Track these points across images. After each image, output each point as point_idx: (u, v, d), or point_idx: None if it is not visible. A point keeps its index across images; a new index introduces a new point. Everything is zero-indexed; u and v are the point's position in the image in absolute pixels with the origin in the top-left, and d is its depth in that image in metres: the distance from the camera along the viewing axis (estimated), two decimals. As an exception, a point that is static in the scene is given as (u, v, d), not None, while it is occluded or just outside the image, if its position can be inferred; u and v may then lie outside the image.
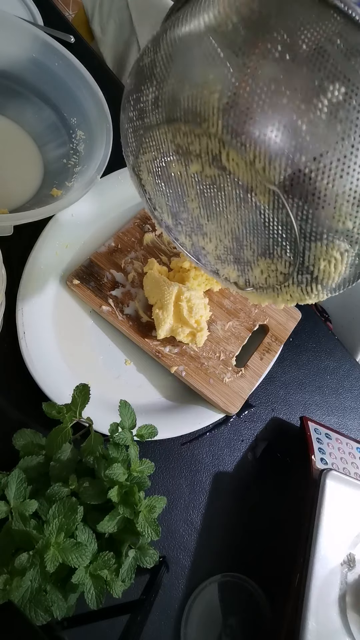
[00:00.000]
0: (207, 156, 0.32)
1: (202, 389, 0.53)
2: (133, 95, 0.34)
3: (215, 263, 0.41)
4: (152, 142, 0.35)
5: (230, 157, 0.31)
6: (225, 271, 0.41)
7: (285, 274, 0.35)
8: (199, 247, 0.41)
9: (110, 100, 0.57)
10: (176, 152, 0.34)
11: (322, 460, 0.52)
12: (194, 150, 0.33)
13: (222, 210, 0.36)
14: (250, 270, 0.38)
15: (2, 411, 0.48)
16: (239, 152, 0.29)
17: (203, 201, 0.36)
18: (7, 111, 0.59)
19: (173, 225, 0.41)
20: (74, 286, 0.53)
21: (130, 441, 0.41)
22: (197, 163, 0.33)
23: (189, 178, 0.35)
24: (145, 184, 0.40)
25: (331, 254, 0.31)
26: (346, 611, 0.42)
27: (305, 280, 0.34)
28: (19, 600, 0.33)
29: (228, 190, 0.33)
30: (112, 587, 0.37)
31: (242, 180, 0.31)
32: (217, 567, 0.48)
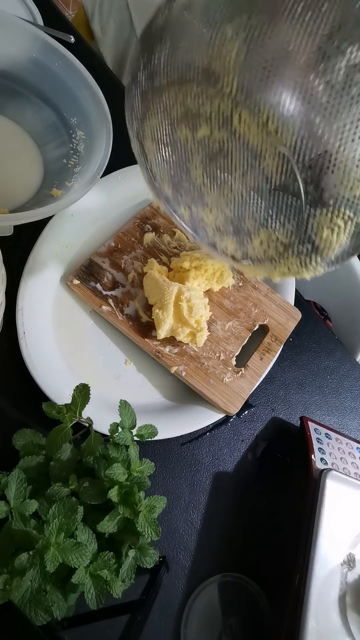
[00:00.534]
0: (217, 118, 0.32)
1: (202, 389, 0.53)
2: (144, 56, 0.33)
3: (214, 235, 0.41)
4: (160, 105, 0.34)
5: (242, 118, 0.30)
6: (223, 243, 0.40)
7: (286, 244, 0.35)
8: (198, 218, 0.40)
9: (110, 100, 0.57)
10: (185, 115, 0.33)
11: (322, 460, 0.52)
12: (204, 113, 0.32)
13: (226, 177, 0.35)
14: (249, 242, 0.38)
15: (2, 411, 0.48)
16: (252, 113, 0.29)
17: (208, 168, 0.36)
18: (7, 111, 0.59)
19: (172, 196, 0.41)
20: (74, 286, 0.53)
21: (130, 441, 0.41)
22: (206, 126, 0.33)
23: (196, 143, 0.35)
24: (147, 152, 0.39)
25: (335, 221, 0.31)
26: (346, 611, 0.42)
27: (305, 250, 0.34)
28: (19, 600, 0.33)
29: (235, 155, 0.33)
30: (112, 587, 0.37)
31: (251, 144, 0.31)
32: (217, 567, 0.48)
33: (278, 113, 0.28)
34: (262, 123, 0.29)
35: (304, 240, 0.33)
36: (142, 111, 0.36)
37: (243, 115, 0.30)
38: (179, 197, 0.40)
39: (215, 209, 0.38)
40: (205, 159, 0.35)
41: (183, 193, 0.40)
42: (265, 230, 0.36)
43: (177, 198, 0.41)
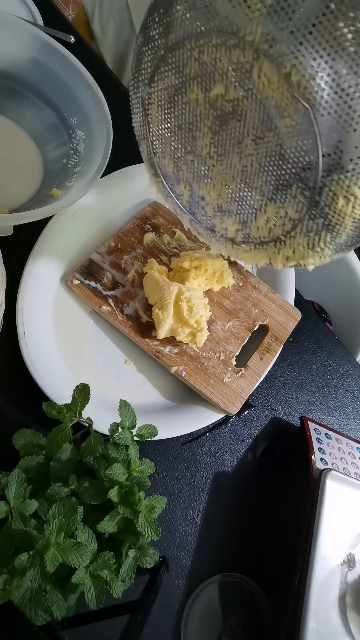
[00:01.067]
0: (235, 73, 0.30)
1: (202, 389, 0.53)
2: (160, 11, 0.32)
3: (214, 216, 0.39)
4: (173, 62, 0.32)
5: (262, 72, 0.29)
6: (224, 225, 0.38)
7: (295, 220, 0.33)
8: (198, 197, 0.39)
9: (110, 100, 0.57)
10: (199, 72, 0.32)
11: (322, 460, 0.52)
12: (220, 68, 0.31)
13: (237, 144, 0.33)
14: (253, 221, 0.36)
15: (2, 411, 0.48)
16: (274, 63, 0.27)
17: (217, 135, 0.34)
18: (7, 111, 0.59)
19: (173, 172, 0.39)
20: (74, 286, 0.53)
21: (130, 441, 0.41)
22: (220, 84, 0.31)
23: (207, 105, 0.33)
24: (151, 121, 0.37)
25: (352, 190, 0.30)
26: (346, 611, 0.42)
27: (315, 227, 0.32)
28: (19, 600, 0.33)
29: (250, 115, 0.31)
30: (112, 587, 0.37)
31: (269, 102, 0.29)
32: (217, 567, 0.48)
33: (303, 63, 0.27)
34: (285, 74, 0.27)
35: (316, 215, 0.31)
36: (152, 72, 0.34)
37: (264, 67, 0.28)
38: (181, 172, 0.38)
39: (219, 184, 0.37)
40: (215, 124, 0.33)
41: (185, 168, 0.38)
42: (273, 205, 0.34)
43: (178, 174, 0.39)
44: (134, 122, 0.39)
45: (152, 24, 0.33)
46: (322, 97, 0.27)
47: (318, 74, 0.27)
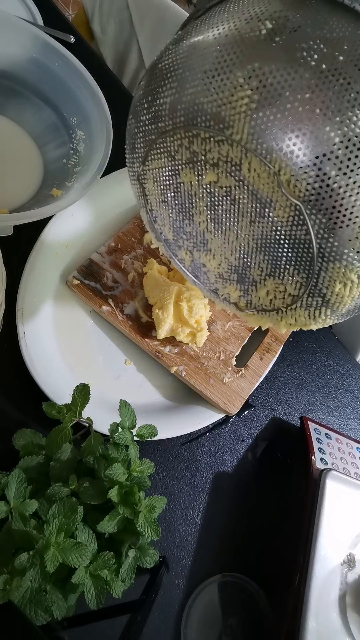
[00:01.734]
0: (225, 166, 0.31)
1: (202, 389, 0.53)
2: (148, 97, 0.32)
3: (216, 282, 0.39)
4: (164, 148, 0.33)
5: (252, 167, 0.29)
6: (226, 290, 0.39)
7: (294, 295, 0.34)
8: (199, 264, 0.39)
9: (110, 100, 0.57)
10: (190, 160, 0.33)
11: (322, 460, 0.52)
12: (210, 159, 0.31)
13: (232, 224, 0.34)
14: (254, 291, 0.37)
15: (2, 411, 0.48)
16: (263, 162, 0.28)
17: (213, 214, 0.35)
18: (7, 111, 0.59)
19: (173, 239, 0.40)
20: (74, 286, 0.53)
21: (130, 441, 0.41)
22: (212, 173, 0.32)
23: (201, 189, 0.34)
24: (148, 194, 0.38)
25: (349, 276, 0.30)
26: (346, 611, 0.42)
27: (315, 303, 0.33)
28: (19, 600, 0.33)
29: (243, 203, 0.32)
30: (112, 587, 0.37)
31: (261, 193, 0.30)
32: (217, 567, 0.48)
33: (291, 164, 0.27)
34: (274, 173, 0.28)
35: (314, 294, 0.32)
36: (145, 152, 0.35)
37: (253, 164, 0.29)
38: (181, 241, 0.39)
39: (219, 256, 0.37)
40: (211, 204, 0.34)
41: (185, 237, 0.38)
42: (272, 280, 0.34)
43: (178, 242, 0.39)
44: (132, 191, 0.39)
45: (142, 107, 0.33)
46: (312, 195, 0.28)
47: (307, 174, 0.27)
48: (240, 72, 0.28)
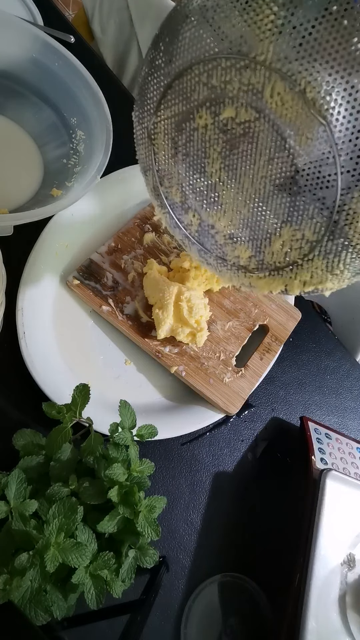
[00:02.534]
0: (245, 96, 0.29)
1: (202, 389, 0.53)
2: (165, 39, 0.32)
3: (224, 244, 0.37)
4: (180, 91, 0.32)
5: (275, 90, 0.28)
6: (235, 253, 0.37)
7: (313, 242, 0.32)
8: (208, 225, 0.38)
9: (110, 100, 0.57)
10: (207, 98, 0.31)
11: (322, 460, 0.52)
12: (230, 91, 0.30)
13: (248, 168, 0.32)
14: (267, 246, 0.35)
15: (2, 411, 0.48)
16: (288, 82, 0.27)
17: (227, 159, 0.33)
18: (7, 111, 0.59)
19: (180, 201, 0.38)
20: (74, 286, 0.53)
21: (130, 441, 0.41)
22: (230, 107, 0.31)
23: (216, 130, 0.32)
24: (157, 151, 0.37)
25: None
26: (346, 611, 0.42)
27: (334, 248, 0.31)
28: (19, 600, 0.33)
29: (263, 137, 0.30)
30: (112, 587, 0.37)
31: (283, 121, 0.29)
32: (217, 567, 0.48)
33: (318, 79, 0.26)
34: (300, 92, 0.27)
35: (335, 235, 0.30)
36: (158, 100, 0.34)
37: (277, 86, 0.28)
38: (188, 202, 0.38)
39: (231, 210, 0.36)
40: (225, 149, 0.33)
41: (193, 196, 0.37)
42: (289, 227, 0.33)
43: (186, 203, 0.38)
44: (138, 154, 0.38)
45: (158, 52, 0.33)
46: (339, 113, 0.27)
47: (334, 90, 0.26)
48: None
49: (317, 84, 0.26)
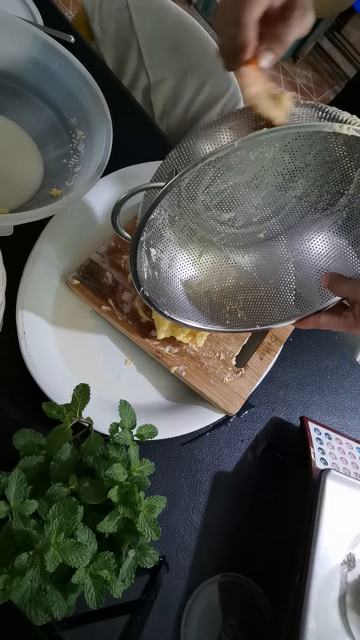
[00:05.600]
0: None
1: (202, 389, 0.53)
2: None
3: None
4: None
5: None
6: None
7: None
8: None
9: (110, 100, 0.57)
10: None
11: (322, 460, 0.52)
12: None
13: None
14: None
15: (2, 411, 0.48)
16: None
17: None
18: (7, 111, 0.59)
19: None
20: (74, 286, 0.53)
21: (130, 441, 0.41)
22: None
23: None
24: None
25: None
26: (346, 611, 0.42)
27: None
28: (19, 600, 0.33)
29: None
30: (112, 587, 0.37)
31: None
32: (217, 567, 0.48)
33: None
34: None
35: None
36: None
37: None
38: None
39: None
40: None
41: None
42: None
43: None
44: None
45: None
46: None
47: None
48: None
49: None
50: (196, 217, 0.48)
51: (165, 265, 0.48)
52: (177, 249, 0.49)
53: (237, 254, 0.52)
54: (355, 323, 0.43)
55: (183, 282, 0.51)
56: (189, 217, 0.48)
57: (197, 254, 0.51)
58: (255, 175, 0.45)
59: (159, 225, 0.46)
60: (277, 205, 0.48)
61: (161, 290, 0.48)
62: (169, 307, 0.47)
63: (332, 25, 2.30)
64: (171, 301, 0.49)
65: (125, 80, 0.97)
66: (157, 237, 0.47)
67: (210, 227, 0.49)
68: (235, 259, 0.52)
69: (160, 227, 0.47)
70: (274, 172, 0.45)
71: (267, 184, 0.46)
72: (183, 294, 0.50)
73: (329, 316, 0.46)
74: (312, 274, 0.50)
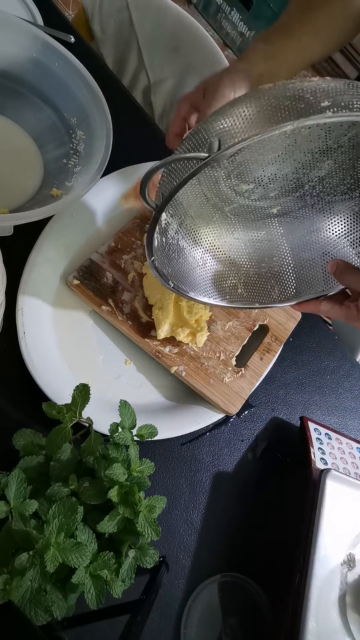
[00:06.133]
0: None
1: (202, 389, 0.53)
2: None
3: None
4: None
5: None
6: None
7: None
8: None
9: (110, 100, 0.57)
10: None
11: (322, 460, 0.52)
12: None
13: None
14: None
15: (2, 411, 0.48)
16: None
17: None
18: (7, 111, 0.59)
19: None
20: (74, 286, 0.53)
21: (130, 441, 0.41)
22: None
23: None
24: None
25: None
26: (346, 611, 0.42)
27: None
28: (19, 600, 0.33)
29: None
30: (112, 587, 0.37)
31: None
32: (217, 567, 0.48)
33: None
34: None
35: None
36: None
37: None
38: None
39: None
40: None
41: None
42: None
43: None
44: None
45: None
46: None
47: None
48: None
49: None
50: (214, 184, 0.46)
51: (172, 231, 0.46)
52: (187, 214, 0.47)
53: (246, 227, 0.51)
54: (357, 315, 0.42)
55: (187, 249, 0.49)
56: (207, 183, 0.46)
57: (205, 222, 0.49)
58: (286, 149, 0.43)
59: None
60: (298, 183, 0.47)
61: (167, 258, 0.46)
62: (174, 277, 0.45)
63: (332, 25, 2.30)
64: (175, 269, 0.47)
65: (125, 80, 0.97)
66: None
67: (226, 195, 0.47)
68: (242, 232, 0.51)
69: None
70: (304, 149, 0.43)
71: (294, 160, 0.44)
72: (187, 262, 0.48)
73: (330, 304, 0.45)
74: (317, 258, 0.48)
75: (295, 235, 0.50)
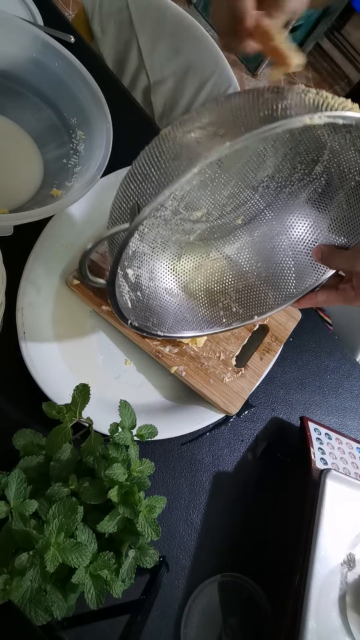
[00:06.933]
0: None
1: (202, 389, 0.53)
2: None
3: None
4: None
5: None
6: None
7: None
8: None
9: (110, 100, 0.57)
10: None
11: (322, 460, 0.52)
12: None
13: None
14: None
15: (2, 411, 0.48)
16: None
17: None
18: (7, 111, 0.59)
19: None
20: (74, 286, 0.53)
21: (130, 441, 0.41)
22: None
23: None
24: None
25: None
26: (346, 611, 0.42)
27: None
28: (19, 600, 0.33)
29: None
30: (112, 587, 0.37)
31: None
32: (217, 567, 0.48)
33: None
34: None
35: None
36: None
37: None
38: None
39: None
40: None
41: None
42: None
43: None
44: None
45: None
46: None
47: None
48: None
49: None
50: (166, 224, 0.46)
51: (145, 280, 0.47)
52: (154, 259, 0.48)
53: (218, 246, 0.50)
54: (355, 296, 0.41)
55: (168, 291, 0.49)
56: (158, 226, 0.46)
57: (176, 258, 0.49)
58: (219, 167, 0.43)
59: (129, 245, 0.44)
60: (250, 189, 0.46)
61: (148, 309, 0.46)
62: (161, 324, 0.46)
63: (332, 25, 2.30)
64: (162, 317, 0.47)
65: (125, 80, 0.97)
66: (130, 257, 0.45)
67: (184, 228, 0.48)
68: (217, 251, 0.51)
69: (130, 247, 0.45)
70: (239, 160, 0.42)
71: (234, 172, 0.43)
72: (172, 303, 0.49)
73: (325, 293, 0.45)
74: (301, 249, 0.48)
75: (270, 236, 0.49)
